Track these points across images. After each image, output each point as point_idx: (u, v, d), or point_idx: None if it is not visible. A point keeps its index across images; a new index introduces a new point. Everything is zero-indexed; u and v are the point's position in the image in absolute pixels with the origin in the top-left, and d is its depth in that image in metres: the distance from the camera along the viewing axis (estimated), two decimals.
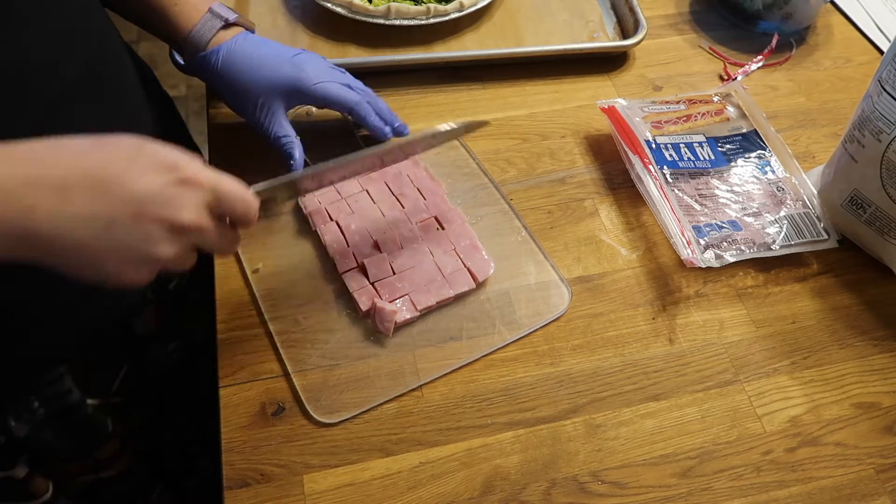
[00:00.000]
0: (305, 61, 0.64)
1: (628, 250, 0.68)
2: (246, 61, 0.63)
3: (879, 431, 0.59)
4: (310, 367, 0.59)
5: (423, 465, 0.55)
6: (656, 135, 0.72)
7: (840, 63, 0.86)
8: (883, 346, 0.64)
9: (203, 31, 0.63)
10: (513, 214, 0.69)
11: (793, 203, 0.69)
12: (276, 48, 0.64)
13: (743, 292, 0.66)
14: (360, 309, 0.60)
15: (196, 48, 0.63)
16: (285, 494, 0.54)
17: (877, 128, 0.60)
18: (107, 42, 0.59)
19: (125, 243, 0.41)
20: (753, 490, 0.55)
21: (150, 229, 0.41)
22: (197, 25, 0.62)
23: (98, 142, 0.41)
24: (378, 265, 0.62)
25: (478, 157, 0.73)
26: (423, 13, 0.81)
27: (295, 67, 0.63)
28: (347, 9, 0.81)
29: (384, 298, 0.61)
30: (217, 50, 0.62)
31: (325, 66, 0.66)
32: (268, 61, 0.63)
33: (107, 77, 0.59)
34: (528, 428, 0.57)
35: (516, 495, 0.54)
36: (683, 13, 0.91)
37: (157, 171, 0.41)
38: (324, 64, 0.66)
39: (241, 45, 0.63)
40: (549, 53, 0.82)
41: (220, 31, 0.63)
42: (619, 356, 0.61)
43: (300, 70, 0.63)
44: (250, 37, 0.65)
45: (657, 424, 0.58)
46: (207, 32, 0.63)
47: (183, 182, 0.42)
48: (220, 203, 0.44)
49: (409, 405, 0.58)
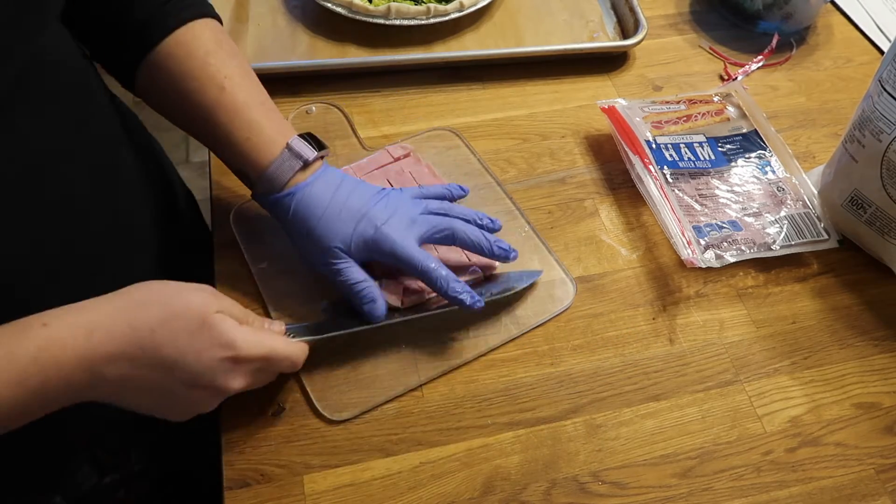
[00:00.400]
0: (385, 215, 0.57)
1: (628, 250, 0.68)
2: (320, 210, 0.57)
3: (880, 432, 0.59)
4: (315, 366, 0.59)
5: (424, 465, 0.55)
6: (656, 135, 0.72)
7: (840, 63, 0.86)
8: (883, 347, 0.64)
9: (280, 171, 0.57)
10: (518, 213, 0.69)
11: (793, 203, 0.69)
12: (356, 194, 0.58)
13: (743, 292, 0.66)
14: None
15: (270, 189, 0.57)
16: (285, 494, 0.54)
17: (877, 128, 0.60)
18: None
19: (179, 406, 0.49)
20: (754, 490, 0.55)
21: (202, 394, 0.48)
22: (273, 165, 0.56)
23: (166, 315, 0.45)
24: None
25: (480, 156, 0.73)
26: (424, 13, 0.81)
27: (371, 225, 0.57)
28: (347, 9, 0.81)
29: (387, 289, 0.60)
30: (293, 193, 0.57)
31: (406, 213, 0.58)
32: (344, 215, 0.57)
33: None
34: (529, 428, 0.57)
35: (516, 495, 0.54)
36: (683, 13, 0.91)
37: (214, 349, 0.46)
38: (403, 206, 0.59)
39: (318, 190, 0.57)
40: (550, 53, 0.82)
41: (297, 174, 0.57)
42: (620, 356, 0.61)
43: (378, 230, 0.56)
44: (328, 175, 0.58)
45: (657, 424, 0.58)
46: (285, 174, 0.57)
47: (236, 360, 0.47)
48: (270, 367, 0.51)
49: (409, 405, 0.58)
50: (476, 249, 0.60)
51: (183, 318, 0.46)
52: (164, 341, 0.45)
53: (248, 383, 0.50)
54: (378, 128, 0.75)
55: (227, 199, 0.69)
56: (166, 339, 0.45)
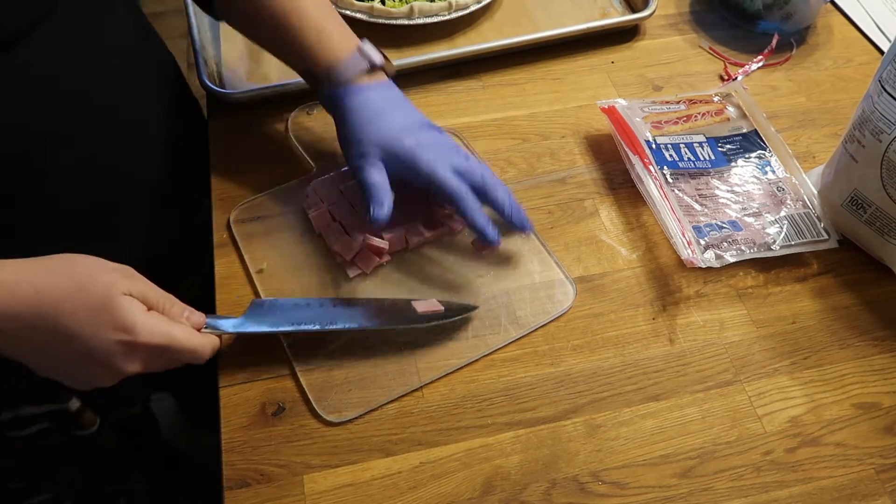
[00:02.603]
0: (429, 139, 0.61)
1: (628, 250, 0.68)
2: (374, 114, 0.60)
3: (880, 432, 0.59)
4: (314, 367, 0.59)
5: (424, 465, 0.55)
6: (656, 135, 0.72)
7: (840, 63, 0.86)
8: (883, 347, 0.63)
9: (348, 68, 0.60)
10: None
11: (793, 203, 0.69)
12: (407, 112, 0.62)
13: (743, 292, 0.66)
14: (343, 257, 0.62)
15: (335, 84, 0.61)
16: (285, 494, 0.54)
17: (877, 128, 0.60)
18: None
19: (77, 376, 0.50)
20: (754, 490, 0.55)
21: (99, 371, 0.50)
22: (343, 61, 0.61)
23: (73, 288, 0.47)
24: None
25: (480, 157, 0.73)
26: (446, 9, 0.82)
27: (415, 140, 0.60)
28: (368, 14, 0.82)
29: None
30: (355, 90, 0.60)
31: (447, 147, 0.62)
32: (394, 122, 0.60)
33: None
34: (529, 428, 0.57)
35: (516, 495, 0.54)
36: (683, 13, 0.91)
37: (112, 330, 0.48)
38: (447, 143, 0.62)
39: (376, 94, 0.61)
40: (571, 34, 0.83)
41: (362, 76, 0.61)
42: (620, 356, 0.61)
43: (420, 147, 0.60)
44: (391, 87, 0.63)
45: (657, 424, 0.58)
46: (352, 71, 0.60)
47: (132, 345, 0.48)
48: (169, 355, 0.51)
49: (409, 405, 0.58)
50: (498, 206, 0.61)
51: (88, 294, 0.47)
52: (66, 313, 0.46)
53: (145, 368, 0.51)
54: None
55: (227, 201, 0.69)
56: (68, 311, 0.47)
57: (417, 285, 0.64)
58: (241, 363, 0.59)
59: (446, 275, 0.65)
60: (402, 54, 0.82)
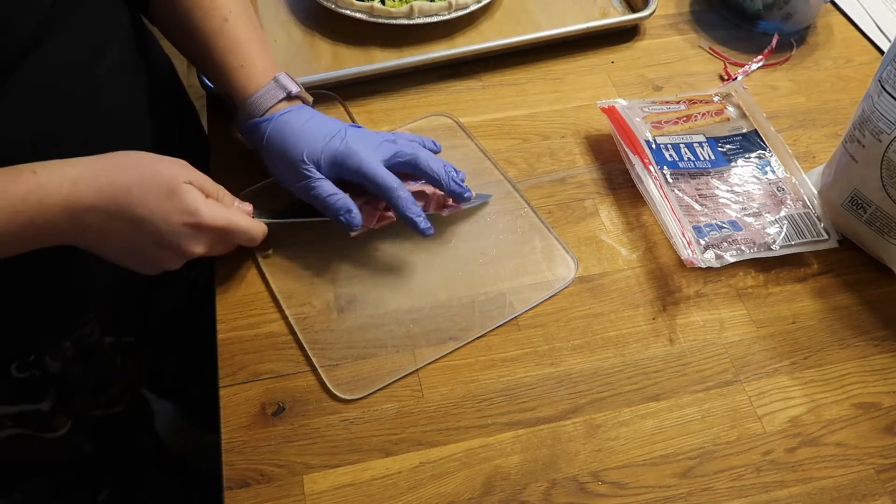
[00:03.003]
0: (355, 137, 0.62)
1: (628, 250, 0.68)
2: (294, 132, 0.61)
3: (880, 432, 0.59)
4: (325, 346, 0.60)
5: (424, 465, 0.55)
6: (656, 135, 0.72)
7: (840, 63, 0.86)
8: (883, 347, 0.63)
9: (264, 98, 0.62)
10: (524, 203, 0.71)
11: (793, 203, 0.69)
12: (327, 122, 0.63)
13: (743, 292, 0.66)
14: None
15: (251, 114, 0.62)
16: (285, 494, 0.54)
17: (877, 128, 0.60)
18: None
19: (148, 261, 0.56)
20: (754, 490, 0.55)
21: (167, 253, 0.55)
22: (259, 92, 0.62)
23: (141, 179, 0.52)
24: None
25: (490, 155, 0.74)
26: (446, 8, 0.82)
27: (342, 142, 0.61)
28: (368, 13, 0.81)
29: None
30: (271, 118, 0.62)
31: (377, 142, 0.63)
32: (316, 134, 0.61)
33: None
34: (529, 428, 0.57)
35: (516, 495, 0.54)
36: (683, 13, 0.91)
37: (179, 214, 0.53)
38: (376, 139, 0.63)
39: (293, 116, 0.62)
40: (571, 34, 0.83)
41: (280, 102, 0.62)
42: (620, 356, 0.61)
43: (347, 145, 0.61)
44: (304, 109, 0.64)
45: (657, 424, 0.58)
46: (268, 101, 0.62)
47: (198, 227, 0.54)
48: (229, 238, 0.58)
49: (409, 405, 0.58)
50: (435, 180, 0.63)
51: (155, 183, 0.52)
52: (137, 201, 0.51)
53: (208, 250, 0.56)
54: (378, 128, 0.75)
55: None
56: (139, 200, 0.51)
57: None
58: (241, 363, 0.59)
59: (448, 253, 0.67)
60: (402, 54, 0.82)
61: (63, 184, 0.49)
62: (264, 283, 0.64)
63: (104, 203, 0.50)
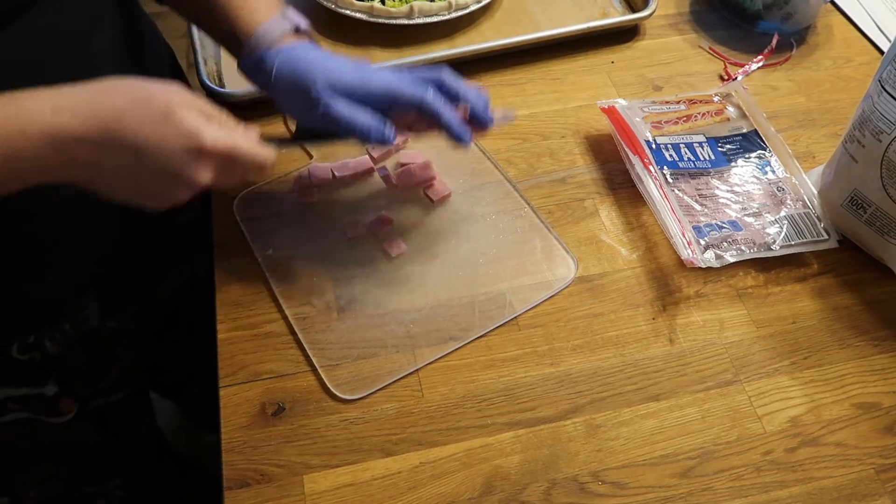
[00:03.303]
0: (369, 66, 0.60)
1: (628, 250, 0.68)
2: (307, 61, 0.58)
3: (880, 432, 0.59)
4: (324, 346, 0.60)
5: (424, 465, 0.55)
6: (656, 135, 0.72)
7: (840, 63, 0.86)
8: (883, 347, 0.63)
9: (271, 29, 0.59)
10: (524, 203, 0.71)
11: (793, 203, 0.69)
12: (339, 56, 0.61)
13: (743, 292, 0.66)
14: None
15: (257, 47, 0.59)
16: (285, 494, 0.54)
17: (877, 128, 0.60)
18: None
19: (154, 194, 0.51)
20: (754, 490, 0.55)
21: (172, 184, 0.50)
22: (266, 23, 0.59)
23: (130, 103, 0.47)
24: None
25: (490, 155, 0.74)
26: (446, 8, 0.82)
27: (359, 69, 0.58)
28: (368, 13, 0.82)
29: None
30: (280, 50, 0.58)
31: (391, 69, 0.61)
32: (330, 64, 0.58)
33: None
34: (529, 428, 0.57)
35: (516, 495, 0.54)
36: (683, 13, 0.91)
37: (178, 138, 0.47)
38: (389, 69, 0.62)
39: (302, 50, 0.59)
40: (571, 34, 0.83)
41: (287, 37, 0.59)
42: (620, 356, 0.61)
43: (366, 70, 0.58)
44: (314, 45, 0.61)
45: (657, 424, 0.58)
46: (275, 32, 0.59)
47: (200, 151, 0.48)
48: (236, 164, 0.52)
49: (409, 405, 0.58)
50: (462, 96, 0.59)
51: (147, 106, 0.47)
52: (128, 127, 0.46)
53: (216, 178, 0.51)
54: None
55: (226, 200, 0.69)
56: (130, 126, 0.46)
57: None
58: (241, 363, 0.59)
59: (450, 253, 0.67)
60: (402, 54, 0.82)
61: (45, 112, 0.45)
62: (264, 282, 0.64)
63: (93, 132, 0.46)
